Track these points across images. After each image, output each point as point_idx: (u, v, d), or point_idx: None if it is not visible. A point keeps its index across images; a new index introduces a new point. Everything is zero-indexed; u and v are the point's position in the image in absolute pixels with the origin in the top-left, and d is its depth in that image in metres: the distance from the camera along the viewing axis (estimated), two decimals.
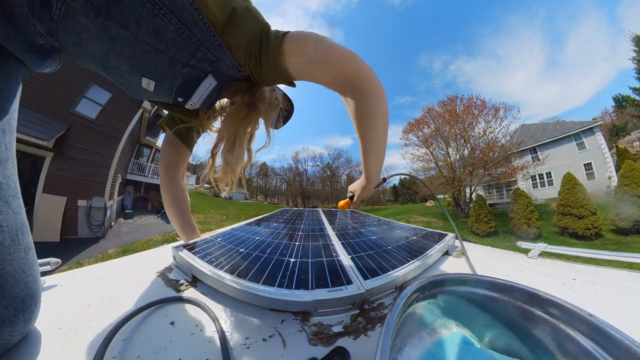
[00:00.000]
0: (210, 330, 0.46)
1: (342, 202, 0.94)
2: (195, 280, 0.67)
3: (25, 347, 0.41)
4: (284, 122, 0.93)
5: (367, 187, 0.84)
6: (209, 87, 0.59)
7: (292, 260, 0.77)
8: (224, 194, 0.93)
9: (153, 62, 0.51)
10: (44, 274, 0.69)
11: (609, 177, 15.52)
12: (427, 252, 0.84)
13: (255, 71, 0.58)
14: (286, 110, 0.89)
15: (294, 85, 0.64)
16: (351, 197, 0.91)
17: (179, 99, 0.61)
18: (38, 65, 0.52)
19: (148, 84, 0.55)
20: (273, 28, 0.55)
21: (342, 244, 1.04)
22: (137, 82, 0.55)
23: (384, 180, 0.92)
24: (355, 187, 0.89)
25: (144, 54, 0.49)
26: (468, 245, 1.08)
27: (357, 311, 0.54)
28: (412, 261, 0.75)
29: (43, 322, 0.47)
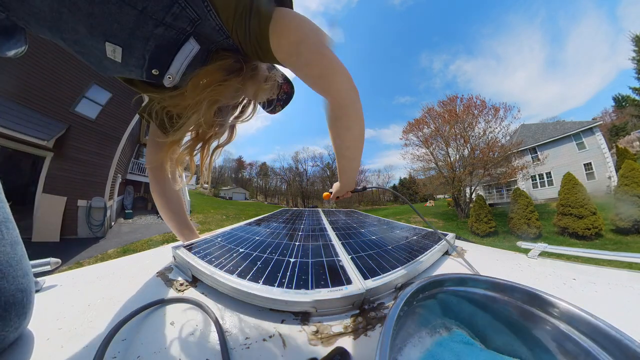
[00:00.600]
0: (210, 331, 0.46)
1: (325, 193, 1.06)
2: (195, 280, 0.67)
3: (24, 347, 0.41)
4: (283, 106, 0.85)
5: (341, 190, 0.95)
6: (190, 53, 0.49)
7: (292, 260, 0.77)
8: (177, 186, 0.84)
9: (117, 20, 0.41)
10: (44, 274, 0.69)
11: (609, 177, 15.52)
12: (427, 252, 0.84)
13: (244, 40, 0.49)
14: (285, 93, 0.81)
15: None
16: (330, 192, 1.05)
17: (153, 71, 0.51)
18: (0, 48, 0.45)
19: (114, 52, 0.46)
20: None
21: (342, 244, 1.04)
22: (100, 50, 0.46)
23: (364, 188, 1.03)
24: (334, 186, 1.00)
25: (104, 6, 0.39)
26: (468, 246, 1.08)
27: (357, 311, 0.54)
28: (412, 261, 0.75)
29: (43, 322, 0.47)
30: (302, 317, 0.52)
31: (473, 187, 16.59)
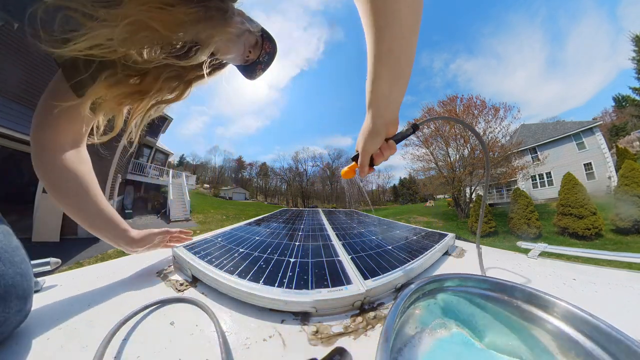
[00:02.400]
0: (210, 330, 0.46)
1: (345, 169, 0.61)
2: (195, 280, 0.67)
3: (25, 347, 0.41)
4: (264, 69, 0.70)
5: (373, 133, 0.50)
6: None
7: (292, 260, 0.77)
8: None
9: None
10: (44, 274, 0.69)
11: (609, 177, 15.52)
12: (427, 252, 0.84)
13: None
14: (267, 53, 0.67)
15: None
16: (356, 158, 0.58)
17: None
18: None
19: None
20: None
21: (342, 244, 1.04)
22: None
23: (415, 127, 0.56)
24: (358, 139, 0.54)
25: None
26: (468, 245, 1.08)
27: (357, 311, 0.54)
28: (412, 261, 0.75)
29: (43, 321, 0.47)
30: (302, 317, 0.52)
31: (473, 187, 16.59)
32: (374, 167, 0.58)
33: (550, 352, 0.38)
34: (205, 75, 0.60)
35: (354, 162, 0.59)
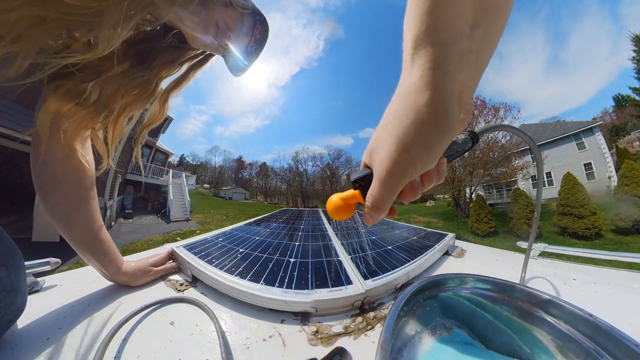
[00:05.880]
0: (210, 330, 0.46)
1: (335, 199, 0.31)
2: (195, 280, 0.67)
3: (25, 347, 0.41)
4: (250, 61, 0.57)
5: (436, 119, 0.22)
6: None
7: (292, 260, 0.77)
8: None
9: None
10: (44, 274, 0.69)
11: (609, 177, 15.51)
12: (427, 252, 0.84)
13: None
14: (256, 41, 0.55)
15: None
16: (359, 183, 0.28)
17: None
18: None
19: None
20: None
21: (342, 244, 1.04)
22: None
23: (475, 137, 0.33)
24: (375, 143, 0.26)
25: None
26: (468, 246, 1.08)
27: (357, 311, 0.54)
28: (412, 261, 0.75)
29: (43, 322, 0.48)
30: (302, 317, 0.52)
31: (473, 187, 16.59)
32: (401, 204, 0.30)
33: (550, 352, 0.38)
34: (189, 81, 0.52)
35: (354, 190, 0.29)
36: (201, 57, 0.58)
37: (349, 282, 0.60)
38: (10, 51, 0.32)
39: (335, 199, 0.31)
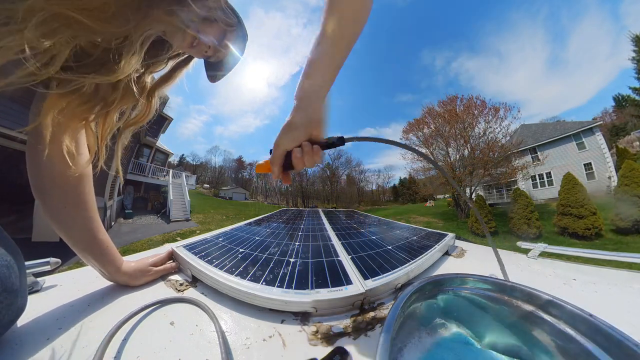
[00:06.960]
0: (210, 330, 0.46)
1: (261, 162, 0.52)
2: (195, 280, 0.67)
3: (24, 347, 0.41)
4: (225, 73, 0.61)
5: (290, 126, 0.46)
6: None
7: (292, 260, 0.77)
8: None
9: None
10: (44, 274, 0.69)
11: (609, 177, 15.51)
12: (427, 252, 0.84)
13: None
14: (233, 54, 0.57)
15: None
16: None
17: None
18: None
19: None
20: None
21: (342, 244, 1.04)
22: None
23: (342, 140, 0.48)
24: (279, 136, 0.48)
25: None
26: (468, 245, 1.08)
27: (357, 311, 0.54)
28: (412, 261, 0.75)
29: (43, 321, 0.48)
30: (302, 317, 0.52)
31: (473, 187, 16.59)
32: (291, 172, 0.49)
33: (550, 352, 0.38)
34: (169, 77, 0.55)
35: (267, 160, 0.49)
36: (185, 56, 0.59)
37: (349, 282, 0.60)
38: (42, 73, 0.36)
39: (261, 162, 0.52)
